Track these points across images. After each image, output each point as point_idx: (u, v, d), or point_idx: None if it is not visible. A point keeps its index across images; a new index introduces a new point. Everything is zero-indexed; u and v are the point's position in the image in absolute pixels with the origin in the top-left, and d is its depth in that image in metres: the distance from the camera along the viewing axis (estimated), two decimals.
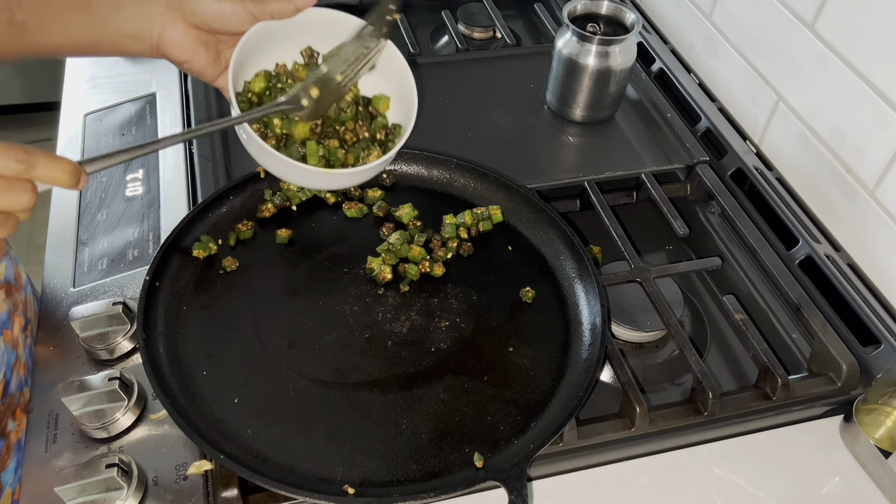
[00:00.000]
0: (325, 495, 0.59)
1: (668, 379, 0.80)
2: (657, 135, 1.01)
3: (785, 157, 0.95)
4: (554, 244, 0.80)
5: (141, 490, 0.63)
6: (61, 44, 0.67)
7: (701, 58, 1.09)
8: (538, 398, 0.68)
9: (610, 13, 0.99)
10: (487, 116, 1.01)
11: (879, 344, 0.76)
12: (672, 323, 0.76)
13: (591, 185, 0.91)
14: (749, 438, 0.72)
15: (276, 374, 0.69)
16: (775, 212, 0.90)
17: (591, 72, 0.96)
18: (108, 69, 1.07)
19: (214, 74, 0.72)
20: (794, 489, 0.68)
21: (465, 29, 1.19)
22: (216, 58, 0.71)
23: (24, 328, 0.76)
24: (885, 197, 0.80)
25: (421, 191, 0.86)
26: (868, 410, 0.71)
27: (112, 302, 0.73)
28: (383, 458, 0.63)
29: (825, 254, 0.84)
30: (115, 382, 0.67)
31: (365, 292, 0.76)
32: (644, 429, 0.69)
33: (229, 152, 0.93)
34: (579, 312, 0.75)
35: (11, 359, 0.71)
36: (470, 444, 0.65)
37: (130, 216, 0.86)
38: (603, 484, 0.68)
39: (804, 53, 0.88)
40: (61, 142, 0.96)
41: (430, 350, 0.72)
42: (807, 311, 0.79)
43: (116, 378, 0.67)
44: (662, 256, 0.92)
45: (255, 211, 0.82)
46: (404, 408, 0.67)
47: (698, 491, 0.68)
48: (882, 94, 0.78)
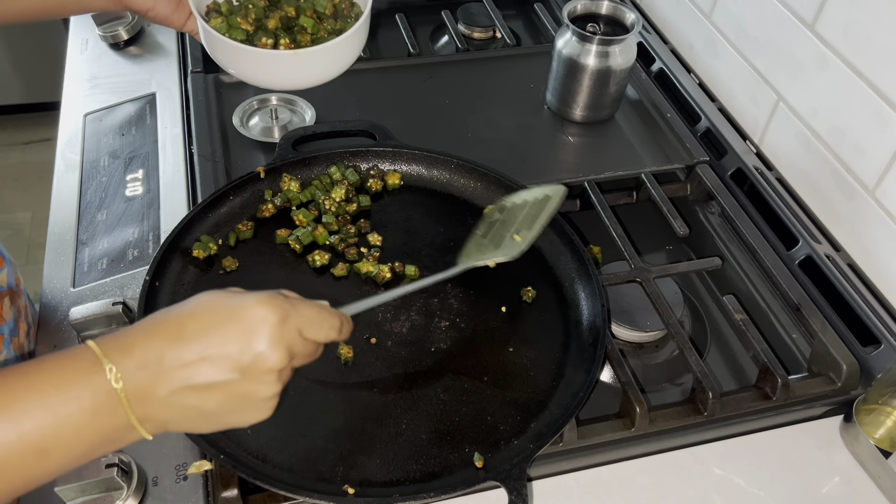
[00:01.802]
0: (325, 495, 0.59)
1: (668, 379, 0.80)
2: (657, 135, 1.01)
3: (785, 157, 0.95)
4: (554, 244, 0.80)
5: (141, 490, 0.63)
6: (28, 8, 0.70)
7: (701, 58, 1.09)
8: (538, 398, 0.68)
9: (610, 13, 0.99)
10: (487, 116, 1.01)
11: (879, 344, 0.76)
12: (672, 323, 0.76)
13: (591, 185, 0.91)
14: (749, 438, 0.72)
15: None
16: (775, 212, 0.90)
17: (591, 72, 0.96)
18: (108, 69, 1.07)
19: (181, 20, 0.77)
20: (794, 489, 0.68)
21: (465, 29, 1.19)
22: (178, 4, 0.76)
23: (27, 333, 0.76)
24: (885, 197, 0.80)
25: (421, 191, 0.86)
26: (868, 410, 0.71)
27: (112, 302, 0.73)
28: (383, 458, 0.63)
29: (825, 254, 0.84)
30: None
31: (365, 292, 0.76)
32: (644, 429, 0.69)
33: (229, 152, 0.93)
34: (579, 312, 0.75)
35: None
36: (470, 444, 0.65)
37: (130, 216, 0.86)
38: (603, 484, 0.68)
39: (804, 53, 0.88)
40: (61, 142, 0.96)
41: (430, 350, 0.72)
42: (807, 311, 0.79)
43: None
44: (662, 256, 0.92)
45: (255, 211, 0.82)
46: (404, 408, 0.67)
47: (698, 491, 0.68)
48: (882, 94, 0.78)
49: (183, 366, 0.45)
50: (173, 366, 0.45)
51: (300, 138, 0.88)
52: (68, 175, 0.91)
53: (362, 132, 0.90)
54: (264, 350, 0.46)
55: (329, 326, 0.51)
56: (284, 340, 0.47)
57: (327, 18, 0.82)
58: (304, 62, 0.75)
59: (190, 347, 0.45)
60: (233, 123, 0.96)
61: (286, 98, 0.99)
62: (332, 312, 0.52)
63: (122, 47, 1.10)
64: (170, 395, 0.45)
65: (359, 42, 0.80)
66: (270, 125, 0.97)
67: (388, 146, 0.87)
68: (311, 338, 0.50)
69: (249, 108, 0.98)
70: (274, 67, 0.76)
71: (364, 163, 0.87)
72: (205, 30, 0.76)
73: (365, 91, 1.03)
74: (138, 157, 0.93)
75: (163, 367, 0.45)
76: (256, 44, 0.78)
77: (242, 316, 0.46)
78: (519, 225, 0.73)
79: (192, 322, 0.46)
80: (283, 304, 0.48)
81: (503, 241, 0.72)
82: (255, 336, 0.46)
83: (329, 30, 0.82)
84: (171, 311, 0.47)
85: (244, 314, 0.46)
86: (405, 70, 1.08)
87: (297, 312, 0.48)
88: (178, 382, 0.45)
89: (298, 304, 0.49)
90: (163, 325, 0.46)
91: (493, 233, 0.74)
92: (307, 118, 0.98)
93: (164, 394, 0.45)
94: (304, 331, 0.49)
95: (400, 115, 1.00)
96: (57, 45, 1.61)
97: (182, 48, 1.10)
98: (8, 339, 0.73)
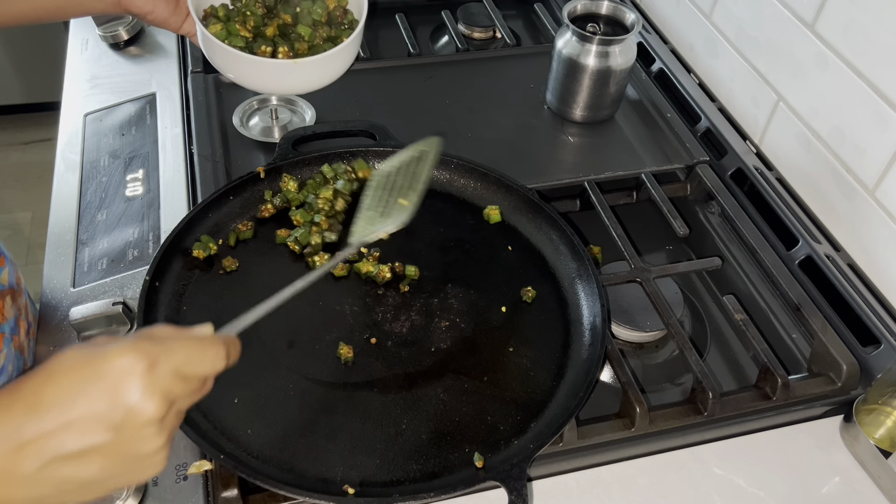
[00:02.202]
0: (325, 495, 0.59)
1: (668, 379, 0.79)
2: (657, 135, 1.01)
3: (785, 157, 0.95)
4: (554, 244, 0.80)
5: (141, 490, 0.63)
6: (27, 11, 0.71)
7: (701, 58, 1.09)
8: (538, 398, 0.68)
9: (610, 13, 0.99)
10: (487, 116, 1.01)
11: (879, 344, 0.76)
12: (672, 323, 0.76)
13: (591, 185, 0.91)
14: (749, 438, 0.72)
15: (276, 374, 0.69)
16: (775, 212, 0.90)
17: (591, 72, 0.96)
18: (108, 69, 1.07)
19: (178, 23, 0.78)
20: (794, 489, 0.68)
21: (465, 29, 1.19)
22: (176, 6, 0.77)
23: (28, 332, 0.76)
24: (885, 197, 0.80)
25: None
26: (868, 410, 0.71)
27: (112, 302, 0.73)
28: (383, 458, 0.63)
29: (825, 254, 0.84)
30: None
31: (365, 292, 0.76)
32: (644, 429, 0.69)
33: (229, 152, 0.93)
34: (579, 312, 0.75)
35: (20, 364, 0.71)
36: (470, 444, 0.65)
37: (130, 216, 0.86)
38: (603, 484, 0.68)
39: (804, 53, 0.88)
40: (61, 142, 0.96)
41: (430, 350, 0.72)
42: (807, 311, 0.79)
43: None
44: (662, 256, 0.92)
45: (255, 211, 0.82)
46: (404, 408, 0.67)
47: (698, 491, 0.68)
48: (882, 94, 0.78)
49: (46, 436, 0.41)
50: (34, 438, 0.41)
51: (300, 138, 0.88)
52: (68, 175, 0.91)
53: (362, 132, 0.90)
54: (136, 402, 0.42)
55: (212, 357, 0.47)
56: (158, 387, 0.43)
57: (322, 25, 0.83)
58: (303, 70, 0.78)
59: (51, 415, 0.41)
60: (233, 123, 0.96)
61: (286, 98, 1.00)
62: (212, 341, 0.47)
63: (122, 47, 1.10)
64: (39, 471, 0.41)
65: (354, 50, 0.83)
66: (270, 125, 0.97)
67: (388, 146, 0.87)
68: (193, 374, 0.46)
69: (249, 108, 0.99)
70: (274, 75, 0.79)
71: (364, 163, 0.87)
72: (204, 36, 0.76)
73: (365, 91, 1.03)
74: (138, 157, 0.93)
75: (22, 441, 0.41)
76: (256, 52, 0.79)
77: (105, 370, 0.42)
78: (402, 188, 0.70)
79: (49, 386, 0.42)
80: (149, 348, 0.44)
81: (391, 209, 0.69)
82: (122, 389, 0.42)
83: (324, 36, 0.83)
84: (29, 378, 0.43)
85: (107, 368, 0.42)
86: (405, 70, 1.08)
87: (168, 353, 0.44)
88: (44, 455, 0.41)
89: (170, 342, 0.45)
90: (19, 395, 0.42)
91: (379, 202, 0.70)
92: (307, 118, 0.98)
93: (32, 470, 0.41)
94: (182, 369, 0.45)
95: (400, 115, 1.00)
96: (57, 45, 1.62)
97: (182, 48, 1.10)
98: (8, 338, 0.73)
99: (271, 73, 0.78)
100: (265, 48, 0.79)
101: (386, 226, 0.68)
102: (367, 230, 0.68)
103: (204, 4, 0.81)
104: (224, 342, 0.48)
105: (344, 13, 0.86)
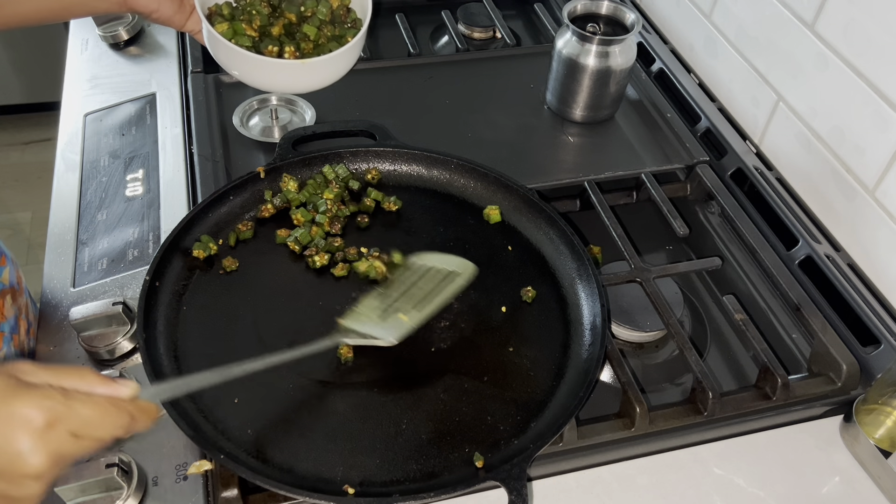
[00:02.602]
0: (325, 495, 0.59)
1: (668, 379, 0.80)
2: (657, 135, 1.01)
3: (785, 157, 0.95)
4: (554, 244, 0.80)
5: (141, 490, 0.63)
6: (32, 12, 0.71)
7: (701, 58, 1.09)
8: (538, 398, 0.68)
9: (610, 13, 0.99)
10: (487, 116, 1.01)
11: (879, 344, 0.76)
12: (672, 323, 0.76)
13: (591, 185, 0.91)
14: (749, 438, 0.72)
15: (276, 374, 0.68)
16: (775, 212, 0.90)
17: (591, 72, 0.96)
18: (108, 69, 1.07)
19: (182, 20, 0.77)
20: (794, 489, 0.68)
21: (465, 29, 1.19)
22: (180, 4, 0.76)
23: (27, 331, 0.76)
24: (885, 197, 0.80)
25: (421, 191, 0.86)
26: (868, 410, 0.71)
27: (112, 302, 0.73)
28: (383, 458, 0.63)
29: (825, 254, 0.84)
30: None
31: (365, 292, 0.76)
32: (644, 429, 0.69)
33: (229, 152, 0.93)
34: (579, 312, 0.75)
35: None
36: (470, 444, 0.65)
37: (130, 216, 0.86)
38: (603, 484, 0.68)
39: (804, 53, 0.88)
40: (61, 142, 0.96)
41: (430, 350, 0.72)
42: (807, 311, 0.79)
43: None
44: (662, 256, 0.92)
45: (256, 211, 0.82)
46: (404, 408, 0.67)
47: (698, 491, 0.68)
48: (882, 94, 0.78)
49: None
50: None
51: (300, 138, 0.88)
52: (68, 175, 0.91)
53: (362, 132, 0.90)
54: (23, 453, 0.42)
55: (114, 425, 0.46)
56: (50, 445, 0.43)
57: (326, 24, 0.83)
58: (310, 70, 0.79)
59: None
60: (233, 123, 0.96)
61: (286, 98, 1.00)
62: (118, 409, 0.47)
63: (123, 47, 1.10)
64: None
65: (360, 49, 0.83)
66: (270, 125, 0.97)
67: (388, 146, 0.87)
68: (90, 437, 0.45)
69: (249, 108, 0.99)
70: (282, 75, 0.80)
71: (364, 163, 0.87)
72: (211, 35, 0.76)
73: (365, 91, 1.03)
74: (138, 157, 0.93)
75: None
76: (263, 51, 0.79)
77: (4, 414, 0.42)
78: (414, 299, 0.71)
79: None
80: (54, 405, 0.43)
81: (390, 318, 0.69)
82: (14, 438, 0.42)
83: (329, 36, 0.83)
84: None
85: (6, 412, 0.42)
86: (405, 70, 1.08)
87: (70, 414, 0.44)
88: None
89: (76, 404, 0.44)
90: None
91: (383, 302, 0.71)
92: (307, 118, 0.98)
93: None
94: (80, 431, 0.44)
95: (400, 115, 1.00)
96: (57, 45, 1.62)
97: (182, 48, 1.10)
98: (8, 337, 0.73)
99: (280, 73, 0.79)
100: (272, 48, 0.80)
101: (374, 334, 0.68)
102: (356, 325, 0.69)
103: (209, 2, 0.81)
104: (135, 410, 0.48)
105: (347, 12, 0.86)
